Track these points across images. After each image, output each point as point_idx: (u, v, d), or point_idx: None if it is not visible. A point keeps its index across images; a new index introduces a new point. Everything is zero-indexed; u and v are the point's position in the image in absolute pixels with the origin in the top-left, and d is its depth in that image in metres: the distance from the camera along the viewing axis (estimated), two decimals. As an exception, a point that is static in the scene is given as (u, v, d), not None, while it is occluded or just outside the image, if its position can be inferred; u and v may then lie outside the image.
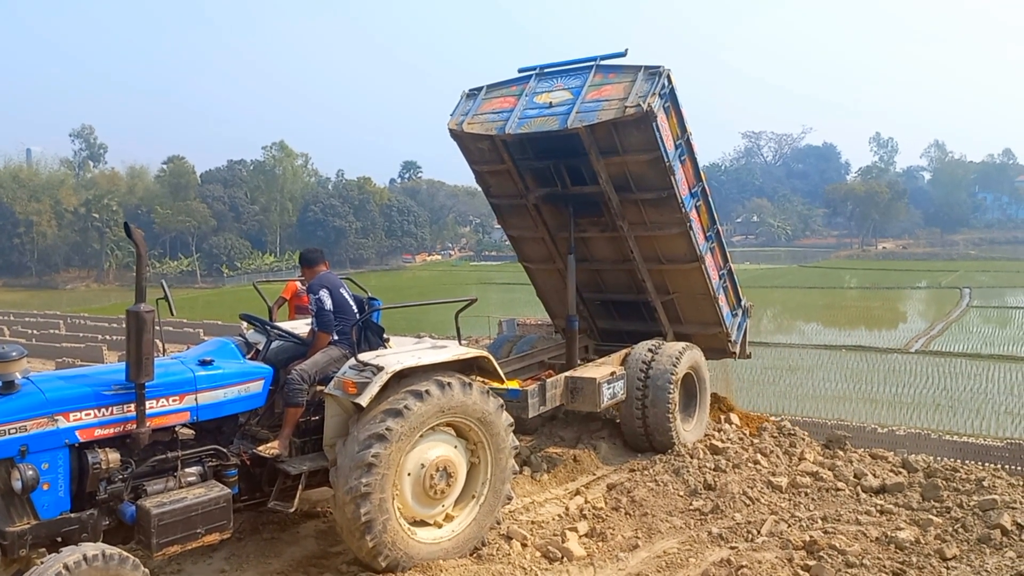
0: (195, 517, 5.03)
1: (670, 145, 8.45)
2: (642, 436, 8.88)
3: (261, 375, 5.81)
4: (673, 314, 10.22)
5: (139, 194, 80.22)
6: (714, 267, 9.73)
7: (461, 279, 61.96)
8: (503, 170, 9.50)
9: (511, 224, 10.51)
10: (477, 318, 31.45)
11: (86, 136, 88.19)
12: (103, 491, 5.02)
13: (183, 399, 5.35)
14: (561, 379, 8.38)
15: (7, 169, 77.59)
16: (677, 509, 7.39)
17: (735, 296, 10.42)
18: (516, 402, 7.80)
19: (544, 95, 8.74)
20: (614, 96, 8.18)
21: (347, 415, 5.74)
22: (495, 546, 6.53)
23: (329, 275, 6.51)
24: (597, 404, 8.24)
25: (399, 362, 5.70)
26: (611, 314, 10.93)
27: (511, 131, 8.60)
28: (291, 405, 5.80)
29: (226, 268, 73.94)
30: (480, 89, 9.29)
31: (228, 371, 5.63)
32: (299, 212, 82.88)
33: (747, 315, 10.82)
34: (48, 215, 72.39)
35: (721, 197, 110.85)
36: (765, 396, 18.73)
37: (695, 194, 9.10)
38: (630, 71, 8.28)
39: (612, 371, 8.56)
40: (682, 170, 8.81)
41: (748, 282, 54.06)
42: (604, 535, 6.86)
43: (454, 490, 6.12)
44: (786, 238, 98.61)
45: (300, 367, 5.91)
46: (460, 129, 9.08)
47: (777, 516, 7.14)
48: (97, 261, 75.18)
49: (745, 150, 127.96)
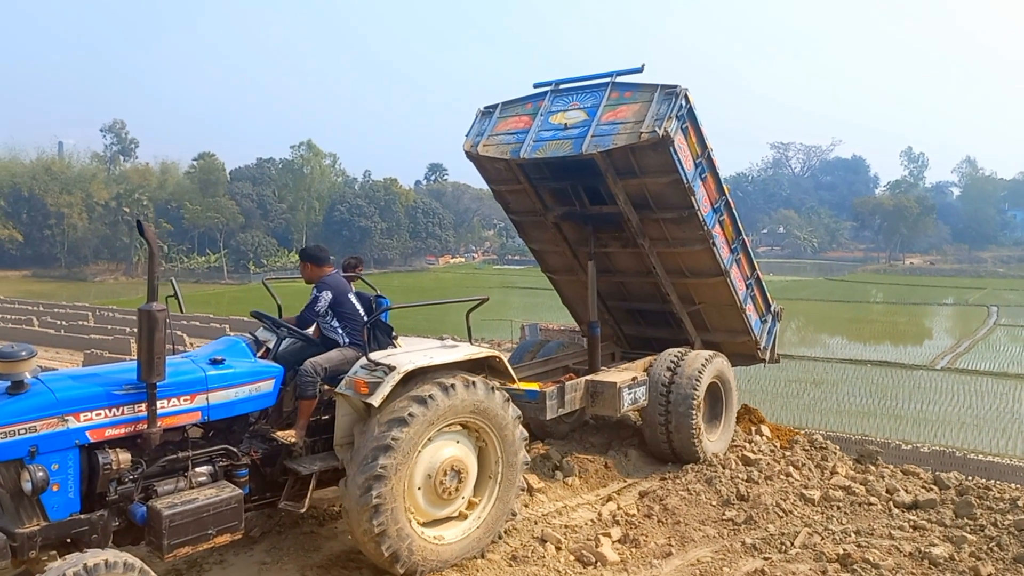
0: (206, 518, 4.99)
1: (689, 166, 8.34)
2: (665, 445, 8.84)
3: (272, 374, 5.79)
4: (700, 322, 10.14)
5: (169, 189, 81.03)
6: (740, 278, 9.66)
7: (484, 282, 62.07)
8: (520, 189, 9.44)
9: (532, 238, 10.48)
10: (499, 322, 31.60)
11: (117, 131, 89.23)
12: (113, 492, 4.98)
13: (194, 399, 5.32)
14: (581, 382, 8.39)
15: (40, 161, 78.72)
16: (710, 518, 7.44)
17: (764, 303, 10.33)
18: (534, 403, 7.88)
19: (559, 115, 8.57)
20: (629, 118, 8.02)
21: (358, 415, 5.74)
22: (529, 548, 6.63)
23: (338, 278, 6.49)
24: (617, 408, 8.25)
25: (411, 362, 5.69)
26: (638, 321, 10.88)
27: (526, 155, 8.48)
28: (304, 398, 5.82)
29: (253, 265, 74.56)
30: (495, 107, 9.16)
31: (239, 370, 5.61)
32: (325, 211, 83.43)
33: (777, 319, 10.73)
34: (79, 208, 73.35)
35: (747, 207, 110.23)
36: (789, 409, 18.61)
37: (717, 209, 8.99)
38: (646, 90, 8.08)
39: (634, 376, 8.57)
40: (703, 188, 8.64)
41: (773, 293, 53.90)
42: (637, 541, 6.93)
43: (466, 489, 6.13)
44: (812, 250, 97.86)
45: (314, 360, 5.93)
46: (475, 151, 8.99)
47: (810, 528, 7.17)
48: (126, 255, 76.07)
49: (773, 161, 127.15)
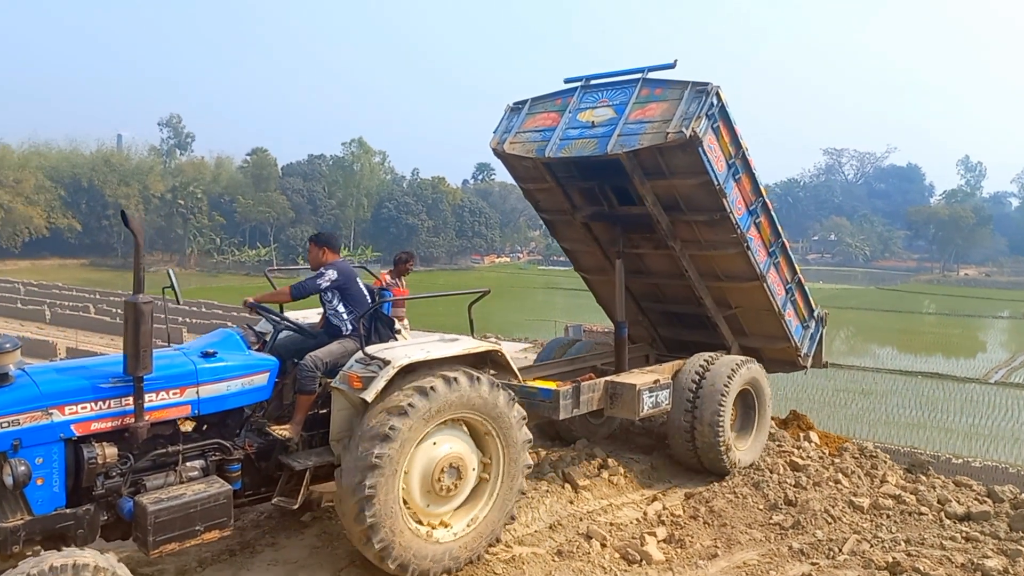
0: (193, 514, 4.87)
1: (720, 167, 8.00)
2: (691, 453, 8.55)
3: (266, 367, 5.66)
4: (737, 327, 9.82)
5: (223, 183, 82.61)
6: (779, 282, 9.28)
7: (528, 282, 62.20)
8: (549, 188, 9.27)
9: (563, 237, 10.32)
10: (543, 322, 31.71)
11: (174, 125, 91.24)
12: (100, 486, 4.89)
13: (184, 392, 5.20)
14: (601, 383, 8.20)
15: (99, 153, 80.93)
16: (757, 522, 7.42)
17: (806, 308, 9.91)
18: (548, 402, 7.74)
19: (587, 112, 8.30)
20: (658, 117, 7.71)
21: (354, 409, 5.56)
22: (575, 544, 6.69)
23: (346, 263, 6.46)
24: (636, 412, 8.00)
25: (406, 356, 5.53)
26: (674, 323, 10.60)
27: (551, 154, 8.27)
28: (303, 392, 5.72)
29: (301, 259, 75.50)
30: (524, 103, 8.93)
31: (232, 363, 5.47)
32: (374, 208, 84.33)
33: (822, 324, 10.29)
34: (136, 199, 75.09)
35: (797, 213, 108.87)
36: (836, 418, 18.37)
37: (753, 211, 8.64)
38: (677, 87, 7.77)
39: (656, 379, 8.33)
40: (737, 189, 8.31)
41: (822, 301, 52.77)
42: (683, 542, 6.94)
43: (465, 487, 5.93)
44: (864, 259, 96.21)
45: (314, 354, 5.82)
46: (501, 149, 8.78)
47: (859, 535, 7.10)
48: (180, 246, 77.77)
49: (826, 167, 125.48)
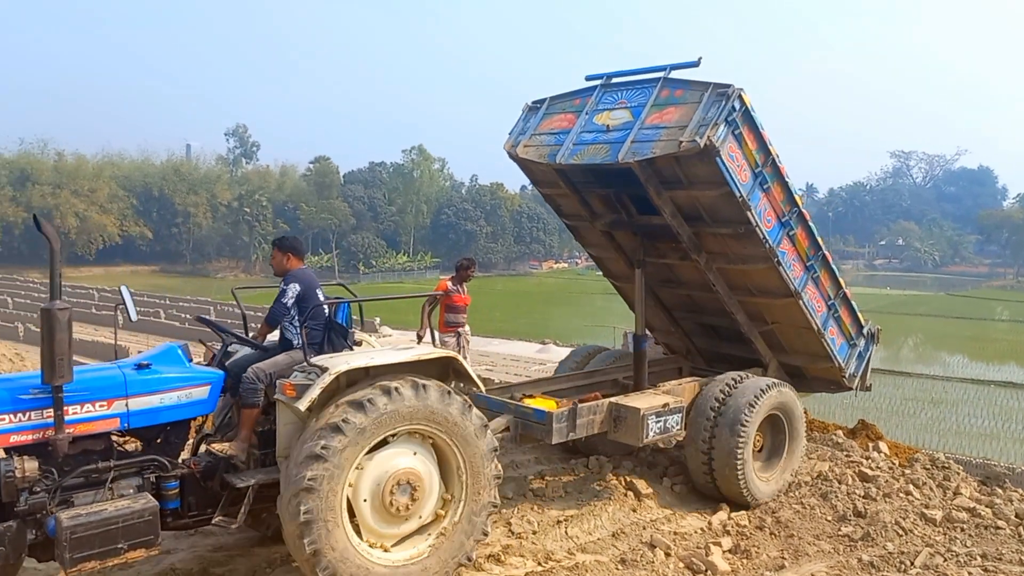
0: (114, 531, 4.65)
1: (744, 177, 7.36)
2: (709, 483, 7.92)
3: (207, 380, 5.44)
4: (775, 342, 9.03)
5: (287, 191, 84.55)
6: (819, 298, 8.47)
7: (586, 288, 62.02)
8: (567, 193, 8.80)
9: (588, 243, 9.79)
10: (602, 328, 31.58)
11: (240, 134, 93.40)
12: (23, 502, 4.67)
13: (111, 404, 5.00)
14: (604, 404, 7.55)
15: (169, 163, 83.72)
16: (825, 533, 7.27)
17: (853, 325, 9.03)
18: (541, 425, 7.12)
19: (604, 114, 7.76)
20: (674, 123, 7.15)
21: (300, 423, 5.26)
22: (638, 552, 6.65)
23: (309, 272, 6.29)
24: (640, 438, 7.31)
25: (347, 363, 5.25)
26: (711, 335, 9.81)
27: (562, 160, 7.81)
28: (246, 406, 5.48)
29: (362, 265, 76.76)
30: (542, 102, 8.46)
31: (166, 376, 5.26)
32: (432, 215, 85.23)
33: (873, 341, 9.40)
34: (204, 207, 77.46)
35: (864, 218, 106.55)
36: (905, 428, 17.92)
37: (786, 223, 7.90)
38: (697, 89, 7.19)
39: (665, 403, 7.59)
40: (765, 199, 7.65)
41: (888, 307, 51.95)
42: (748, 552, 6.84)
43: (424, 505, 5.52)
44: (933, 264, 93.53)
45: (258, 366, 5.60)
46: (515, 152, 8.34)
47: (932, 549, 6.90)
48: (246, 252, 79.64)
49: (893, 170, 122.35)
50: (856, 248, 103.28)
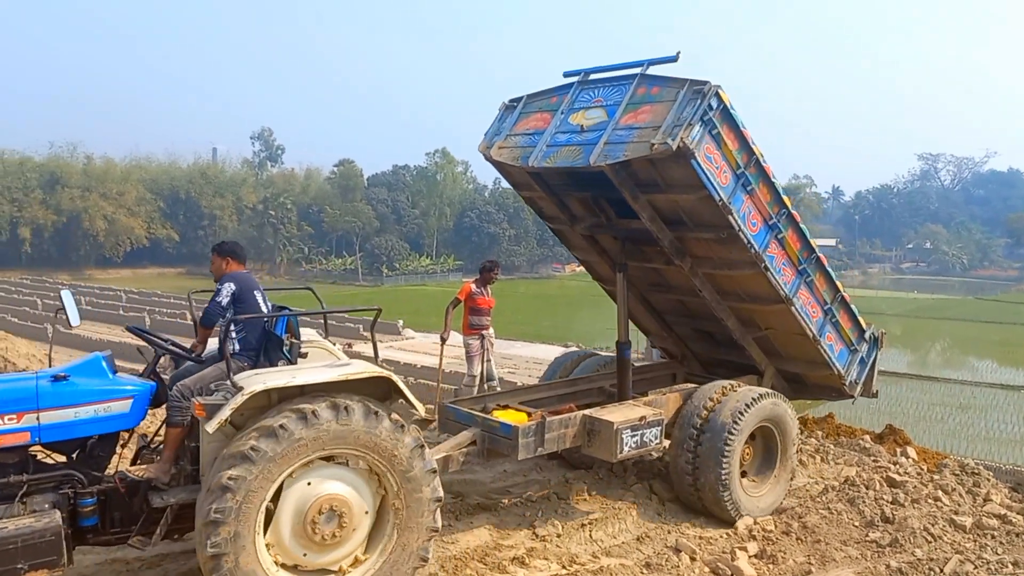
0: (13, 550, 4.38)
1: (725, 179, 6.94)
2: (693, 496, 7.56)
3: (129, 394, 5.14)
4: (771, 348, 8.66)
5: (312, 194, 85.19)
6: (813, 303, 8.04)
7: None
8: (545, 196, 8.44)
9: (573, 247, 9.38)
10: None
11: (265, 138, 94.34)
12: None
13: (21, 418, 4.76)
14: (578, 417, 7.13)
15: (195, 166, 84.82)
16: (852, 539, 7.19)
17: (853, 330, 8.60)
18: (506, 439, 6.69)
19: (579, 113, 7.37)
20: (648, 123, 6.72)
21: (223, 441, 4.97)
22: (663, 556, 6.62)
23: (248, 275, 6.02)
24: (613, 453, 6.90)
25: (263, 382, 4.90)
26: (705, 340, 9.39)
27: (535, 163, 7.43)
28: (170, 425, 5.23)
29: (386, 268, 77.11)
30: (519, 101, 8.06)
31: (82, 388, 4.97)
32: (456, 217, 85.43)
33: (876, 346, 8.97)
34: (230, 210, 78.35)
35: (891, 221, 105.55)
36: (932, 434, 17.70)
37: (774, 226, 7.46)
38: (673, 86, 6.76)
39: (642, 416, 7.16)
40: (749, 202, 7.23)
41: (916, 312, 51.41)
42: (775, 558, 6.79)
43: (354, 533, 5.18)
44: (961, 268, 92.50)
45: (183, 382, 5.31)
46: (488, 154, 7.99)
47: (962, 556, 6.81)
48: (271, 255, 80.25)
49: (920, 172, 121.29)
50: (883, 251, 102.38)
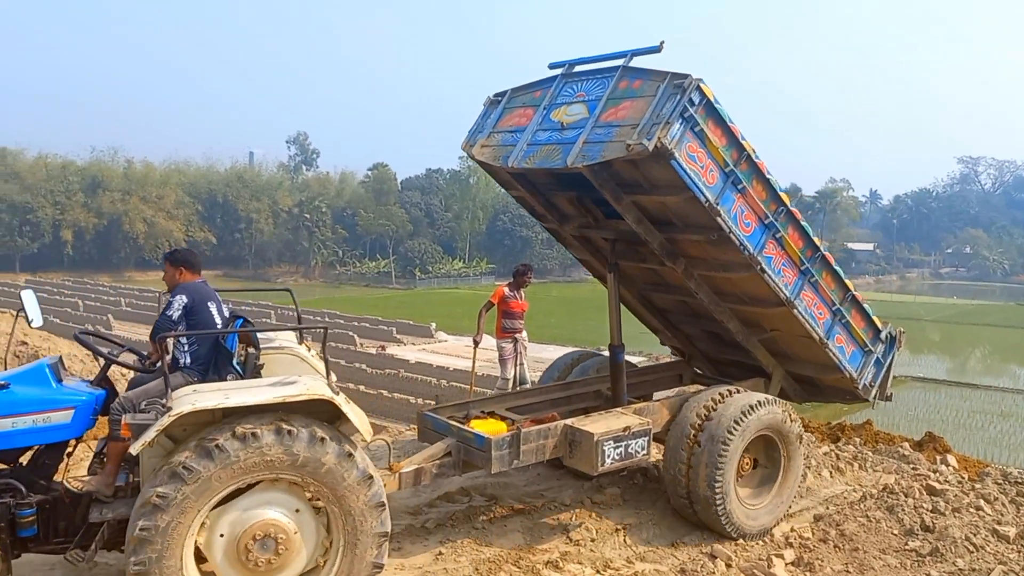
0: None
1: (711, 178, 6.50)
2: (687, 508, 7.21)
3: (70, 404, 4.98)
4: (779, 350, 8.24)
5: (346, 197, 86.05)
6: (820, 304, 7.61)
7: (644, 295, 61.43)
8: (531, 196, 8.13)
9: (569, 246, 9.13)
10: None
11: (301, 142, 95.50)
12: None
13: None
14: (559, 427, 6.80)
15: (232, 170, 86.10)
16: (891, 548, 7.10)
17: (867, 330, 8.11)
18: (480, 451, 6.37)
19: (561, 109, 6.97)
20: (627, 120, 6.34)
21: (162, 455, 4.84)
22: (699, 563, 6.59)
23: (203, 286, 5.70)
24: (594, 465, 6.53)
25: (192, 404, 4.64)
26: (712, 340, 8.94)
27: (515, 163, 7.03)
28: (110, 439, 5.03)
29: (419, 271, 77.60)
30: (503, 95, 7.64)
31: (20, 397, 4.84)
32: (488, 220, 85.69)
33: (895, 346, 8.44)
34: (266, 214, 79.38)
35: (930, 225, 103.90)
36: (972, 442, 17.46)
37: (771, 225, 7.02)
38: (655, 80, 6.32)
39: (626, 426, 6.76)
40: (741, 201, 6.81)
41: (955, 317, 50.60)
42: (812, 565, 6.72)
43: (293, 561, 4.93)
44: (1003, 273, 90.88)
45: (127, 395, 5.17)
46: (471, 153, 7.69)
47: (1006, 567, 6.69)
48: (305, 258, 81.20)
49: (960, 176, 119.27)
50: (921, 256, 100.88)
